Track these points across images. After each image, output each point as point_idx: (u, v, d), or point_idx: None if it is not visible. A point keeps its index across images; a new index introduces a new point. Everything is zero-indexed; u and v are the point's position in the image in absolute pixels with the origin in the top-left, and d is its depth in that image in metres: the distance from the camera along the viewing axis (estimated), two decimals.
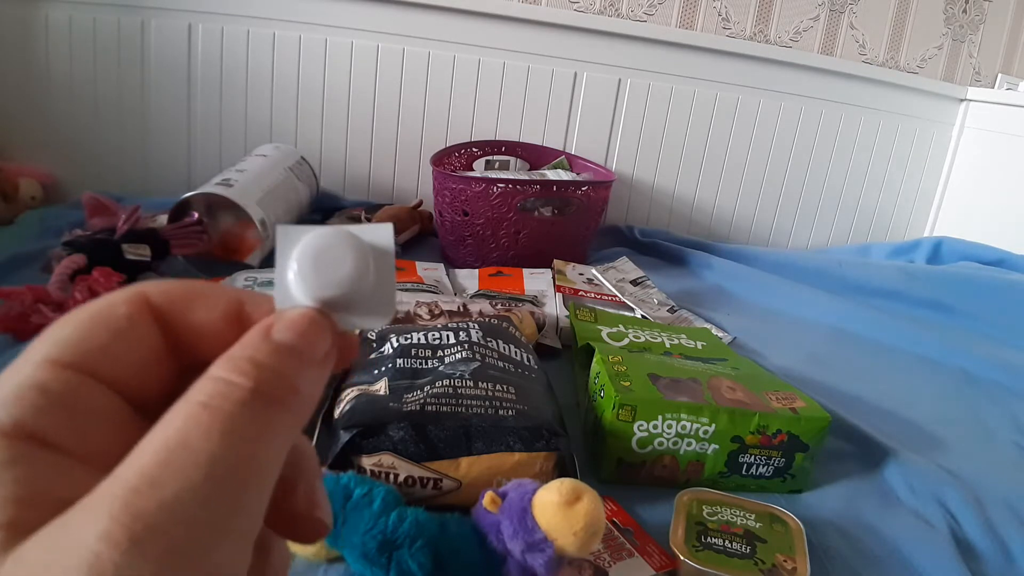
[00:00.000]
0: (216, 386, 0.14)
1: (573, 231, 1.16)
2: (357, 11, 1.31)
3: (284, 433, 0.14)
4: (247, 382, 0.14)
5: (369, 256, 0.17)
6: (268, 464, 0.14)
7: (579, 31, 1.38)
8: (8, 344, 0.70)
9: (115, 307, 0.16)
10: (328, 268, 0.16)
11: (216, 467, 0.13)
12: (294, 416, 0.15)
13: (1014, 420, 0.83)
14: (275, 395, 0.14)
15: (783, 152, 1.53)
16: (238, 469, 0.13)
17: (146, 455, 0.13)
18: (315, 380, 0.16)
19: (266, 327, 0.16)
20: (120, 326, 0.16)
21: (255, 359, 0.14)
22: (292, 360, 0.15)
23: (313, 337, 0.16)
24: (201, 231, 0.94)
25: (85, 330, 0.15)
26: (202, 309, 0.17)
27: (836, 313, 1.12)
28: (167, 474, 0.12)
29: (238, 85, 1.32)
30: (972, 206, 1.58)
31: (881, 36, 1.55)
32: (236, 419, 0.13)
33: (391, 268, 0.18)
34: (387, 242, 0.18)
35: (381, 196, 1.41)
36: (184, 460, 0.12)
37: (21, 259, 0.91)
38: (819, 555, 0.53)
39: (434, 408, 0.53)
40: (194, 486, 0.12)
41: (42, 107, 1.27)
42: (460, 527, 0.44)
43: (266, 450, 0.14)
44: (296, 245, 0.17)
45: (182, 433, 0.13)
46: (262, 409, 0.14)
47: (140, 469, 0.12)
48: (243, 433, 0.13)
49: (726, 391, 0.61)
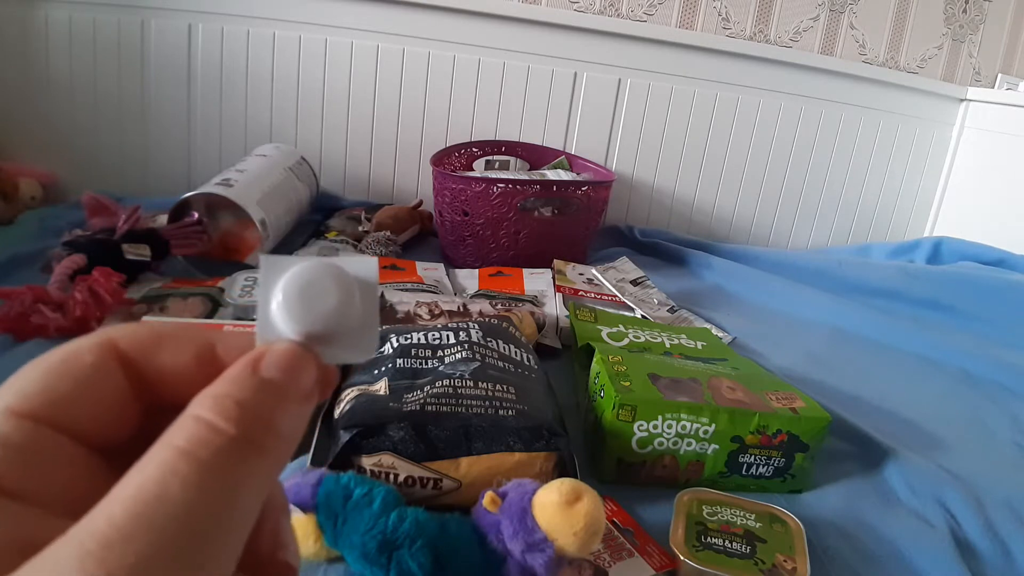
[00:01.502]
0: (198, 429, 0.13)
1: (573, 231, 1.16)
2: (357, 11, 1.31)
3: (263, 480, 0.14)
4: (231, 428, 0.14)
5: (355, 289, 0.17)
6: (246, 512, 0.14)
7: (579, 31, 1.38)
8: (8, 344, 0.71)
9: (80, 355, 0.16)
10: (314, 301, 0.16)
11: (193, 519, 0.12)
12: (274, 462, 0.14)
13: (1014, 420, 0.83)
14: (257, 441, 0.14)
15: (783, 152, 1.53)
16: (216, 519, 0.13)
17: (118, 503, 0.12)
18: (297, 423, 0.15)
19: (253, 360, 0.15)
20: (84, 375, 0.15)
21: (241, 400, 0.14)
22: (277, 401, 0.15)
23: (299, 372, 0.15)
24: (201, 231, 0.94)
25: (48, 379, 0.15)
26: (171, 353, 0.16)
27: (836, 313, 1.12)
28: (142, 526, 0.12)
29: (238, 85, 1.32)
30: (972, 206, 1.58)
31: (881, 36, 1.55)
32: (216, 469, 0.13)
33: (376, 302, 0.18)
34: (372, 276, 0.18)
35: (381, 196, 1.41)
36: (159, 512, 0.12)
37: (21, 259, 0.91)
38: (819, 555, 0.53)
39: (434, 408, 0.53)
40: (171, 539, 0.12)
41: (42, 107, 1.27)
42: (460, 527, 0.44)
43: (245, 498, 0.13)
44: (281, 276, 0.16)
45: (158, 483, 0.12)
46: (244, 457, 0.13)
47: (112, 520, 0.12)
48: (223, 482, 0.13)
49: (726, 391, 0.61)
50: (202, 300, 0.80)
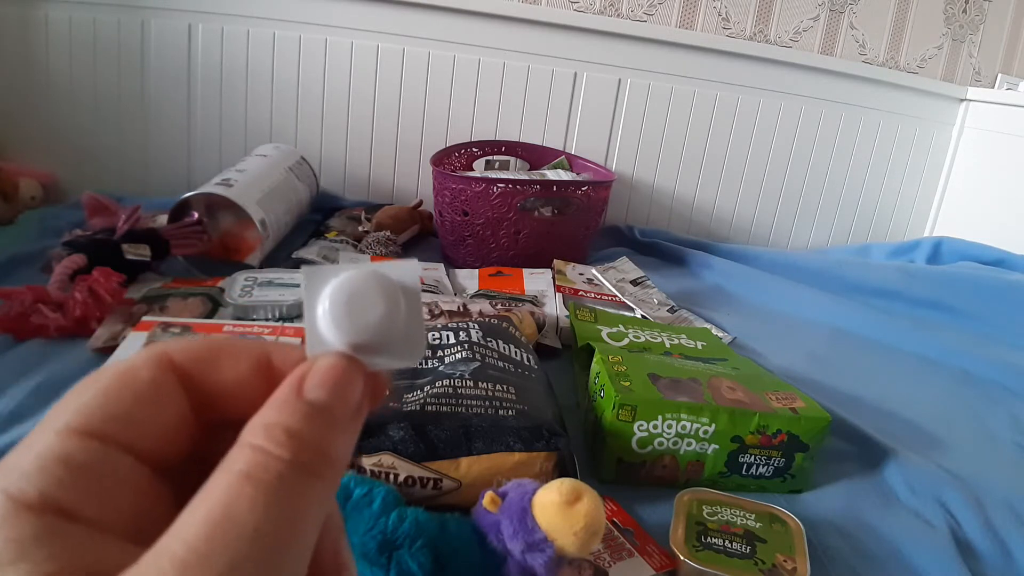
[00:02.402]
0: (255, 456, 0.14)
1: (573, 231, 1.16)
2: (357, 11, 1.31)
3: (322, 498, 0.14)
4: (285, 454, 0.14)
5: (400, 296, 0.17)
6: (308, 532, 0.14)
7: (579, 31, 1.38)
8: (8, 344, 0.71)
9: (138, 371, 0.15)
10: (360, 312, 0.16)
11: (262, 539, 0.13)
12: (329, 484, 0.15)
13: (1014, 420, 0.83)
14: (312, 467, 0.14)
15: (783, 152, 1.53)
16: (282, 539, 0.13)
17: (191, 528, 0.13)
18: (347, 444, 0.15)
19: (297, 382, 0.15)
20: (143, 391, 0.15)
21: (290, 429, 0.14)
22: (326, 426, 0.15)
23: (345, 389, 0.15)
24: (201, 231, 0.94)
25: (107, 396, 0.15)
26: (228, 366, 0.16)
27: (836, 313, 1.12)
28: (216, 548, 0.12)
29: (238, 85, 1.32)
30: (972, 206, 1.58)
31: (881, 36, 1.55)
32: (278, 491, 0.13)
33: (420, 306, 0.17)
34: (416, 280, 0.18)
35: (381, 196, 1.41)
36: (231, 533, 0.12)
37: (21, 259, 0.91)
38: (819, 555, 0.53)
39: (434, 408, 0.53)
40: (243, 559, 0.12)
41: (42, 107, 1.27)
42: (460, 527, 0.44)
43: (306, 518, 0.14)
44: (325, 287, 0.16)
45: (226, 506, 0.13)
46: (301, 481, 0.14)
47: (188, 543, 0.12)
48: (285, 504, 0.13)
49: (726, 391, 0.61)
50: (202, 300, 0.80)
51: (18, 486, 0.13)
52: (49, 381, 0.64)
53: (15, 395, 0.61)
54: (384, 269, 0.17)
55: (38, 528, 0.13)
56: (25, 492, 0.13)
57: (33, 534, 0.13)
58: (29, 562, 0.12)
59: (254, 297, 0.81)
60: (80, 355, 0.70)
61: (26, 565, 0.12)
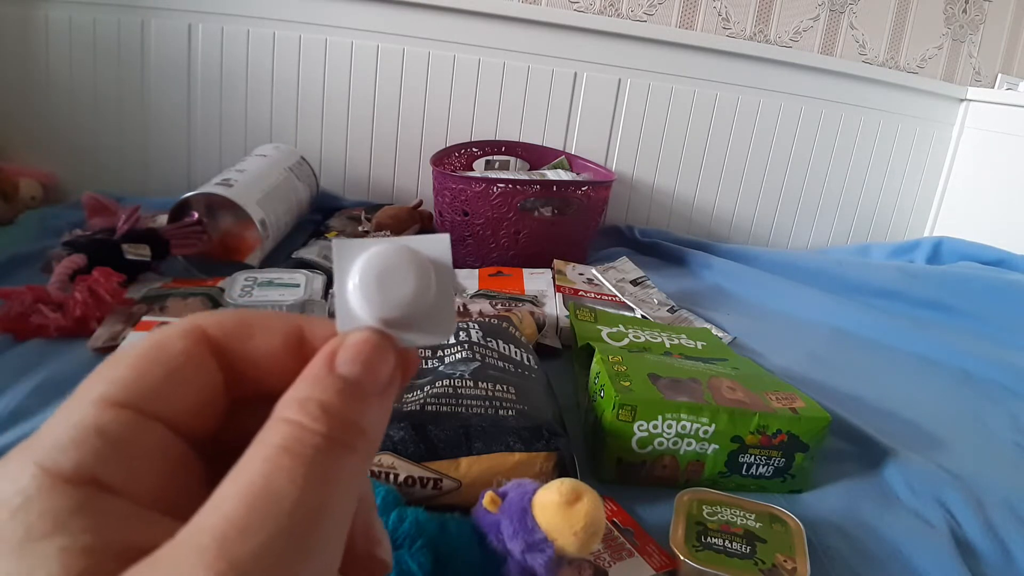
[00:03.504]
0: (292, 430, 0.14)
1: (573, 231, 1.16)
2: (357, 11, 1.31)
3: (357, 474, 0.14)
4: (321, 427, 0.14)
5: (431, 271, 0.16)
6: (346, 504, 0.14)
7: (579, 31, 1.38)
8: (8, 344, 0.71)
9: (170, 342, 0.15)
10: (391, 287, 0.16)
11: (301, 511, 0.13)
12: (363, 457, 0.15)
13: (1014, 420, 0.83)
14: (347, 440, 0.14)
15: (783, 152, 1.53)
16: (321, 511, 0.13)
17: (230, 501, 0.12)
18: (380, 418, 0.15)
19: (329, 357, 0.15)
20: (177, 362, 0.15)
21: (324, 404, 0.14)
22: (359, 400, 0.15)
23: (377, 364, 0.15)
24: (201, 231, 0.94)
25: (140, 367, 0.15)
26: (261, 339, 0.16)
27: (836, 313, 1.12)
28: (256, 521, 0.12)
29: (238, 85, 1.32)
30: (972, 206, 1.57)
31: (881, 36, 1.55)
32: (315, 464, 0.13)
33: (451, 282, 0.17)
34: (446, 255, 0.17)
35: (381, 196, 1.41)
36: (271, 506, 0.12)
37: (21, 259, 0.91)
38: (819, 555, 0.53)
39: (434, 408, 0.53)
40: (283, 531, 0.12)
41: (42, 107, 1.27)
42: (460, 527, 0.44)
43: (343, 491, 0.14)
44: (356, 262, 0.16)
45: (266, 479, 0.13)
46: (337, 454, 0.14)
47: (227, 516, 0.12)
48: (323, 477, 0.13)
49: (726, 391, 0.61)
50: (202, 300, 0.80)
51: (53, 458, 0.13)
52: (49, 381, 0.64)
53: (15, 395, 0.61)
54: (415, 243, 0.17)
55: (74, 501, 0.13)
56: (60, 464, 0.13)
57: (69, 507, 0.12)
58: (66, 535, 0.12)
59: (254, 297, 0.81)
60: (80, 355, 0.70)
61: (63, 538, 0.12)
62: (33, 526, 0.12)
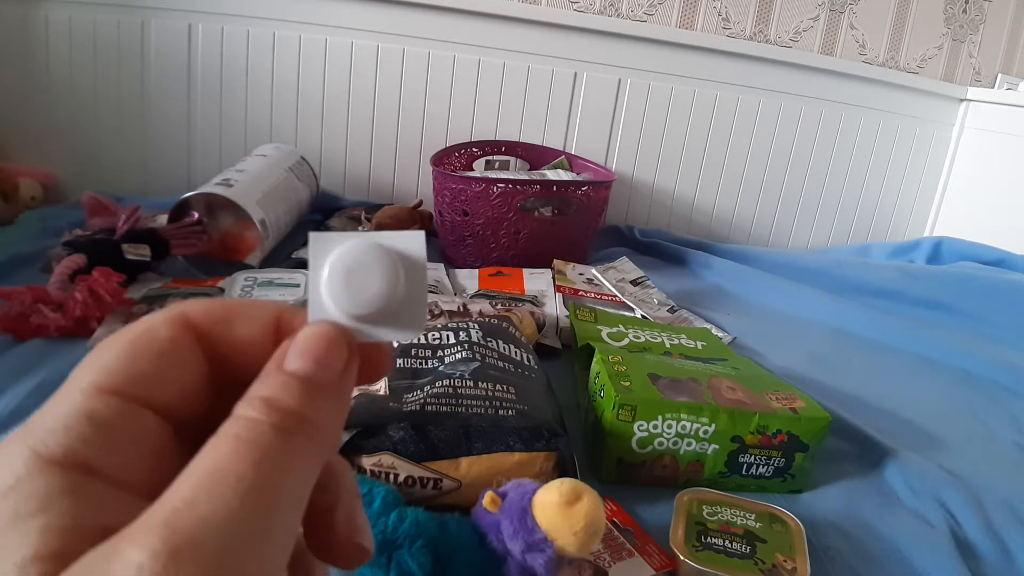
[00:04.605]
0: (244, 423, 0.14)
1: (573, 231, 1.16)
2: (357, 11, 1.31)
3: (306, 459, 0.15)
4: (269, 418, 0.14)
5: (400, 269, 0.17)
6: (295, 487, 0.14)
7: (579, 31, 1.38)
8: (8, 344, 0.71)
9: (157, 330, 0.16)
10: (359, 284, 0.16)
11: (245, 489, 0.13)
12: (312, 444, 0.15)
13: (1014, 420, 0.83)
14: (294, 429, 0.15)
15: (783, 152, 1.53)
16: (266, 491, 0.14)
17: (186, 483, 0.13)
18: (334, 407, 0.16)
19: (281, 355, 0.16)
20: (163, 349, 0.16)
21: (270, 399, 0.15)
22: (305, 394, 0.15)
23: (326, 358, 0.16)
24: (201, 231, 0.94)
25: (129, 355, 0.15)
26: (242, 326, 0.17)
27: (836, 313, 1.12)
28: (203, 495, 0.13)
29: (238, 85, 1.32)
30: (972, 206, 1.58)
31: (881, 36, 1.55)
32: (260, 446, 0.14)
33: (422, 280, 0.17)
34: (418, 251, 0.17)
35: (381, 196, 1.41)
36: (217, 482, 0.13)
37: (21, 259, 0.91)
38: (819, 555, 0.53)
39: (434, 408, 0.53)
40: (227, 504, 0.13)
41: (42, 107, 1.27)
42: (460, 527, 0.44)
43: (291, 475, 0.14)
44: (327, 257, 0.17)
45: (216, 461, 0.14)
46: (283, 440, 0.14)
47: (177, 494, 0.13)
48: (270, 461, 0.14)
49: (726, 391, 0.61)
50: None
51: (44, 442, 0.14)
52: (49, 381, 0.64)
53: (15, 395, 0.61)
54: (388, 240, 0.17)
55: (62, 483, 0.13)
56: (52, 449, 0.14)
57: (57, 489, 0.13)
58: (49, 515, 0.13)
59: (254, 297, 0.81)
60: (80, 355, 0.69)
61: (46, 517, 0.13)
62: (21, 506, 0.13)
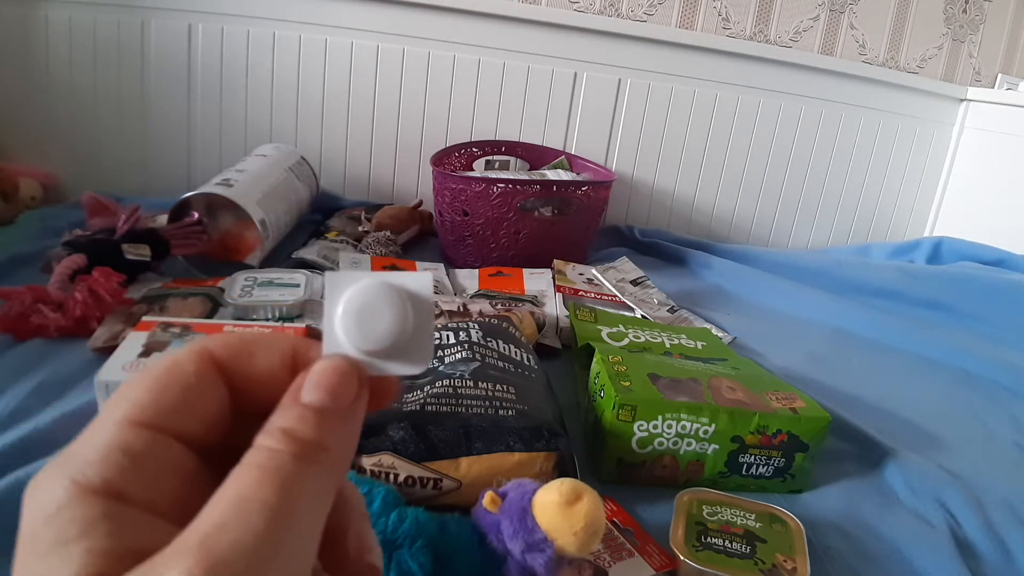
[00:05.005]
0: (264, 452, 0.16)
1: (573, 231, 1.16)
2: (357, 11, 1.31)
3: (321, 482, 0.16)
4: (287, 448, 0.16)
5: (409, 308, 0.18)
6: (313, 510, 0.16)
7: (579, 31, 1.38)
8: (8, 344, 0.71)
9: (184, 365, 0.17)
10: (370, 322, 0.18)
11: (270, 513, 0.15)
12: (329, 470, 0.17)
13: (1014, 420, 0.83)
14: (310, 457, 0.16)
15: (783, 152, 1.53)
16: (288, 515, 0.15)
17: (213, 510, 0.15)
18: (345, 434, 0.17)
19: (297, 388, 0.17)
20: (189, 383, 0.17)
21: (288, 430, 0.16)
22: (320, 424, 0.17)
23: (339, 390, 0.17)
24: (201, 231, 0.94)
25: (157, 389, 0.17)
26: (261, 359, 0.18)
27: (836, 313, 1.12)
28: (233, 521, 0.14)
29: (238, 85, 1.32)
30: (972, 206, 1.58)
31: (881, 36, 1.55)
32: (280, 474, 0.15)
33: (430, 317, 0.19)
34: (427, 292, 0.19)
35: (381, 196, 1.41)
36: (244, 510, 0.14)
37: (21, 259, 0.91)
38: (819, 555, 0.53)
39: (434, 408, 0.53)
40: (254, 528, 0.14)
41: (42, 107, 1.27)
42: (460, 527, 0.44)
43: (310, 499, 0.16)
44: (342, 295, 0.18)
45: (241, 489, 0.15)
46: (301, 467, 0.16)
47: (209, 520, 0.14)
48: (287, 484, 0.15)
49: (726, 391, 0.61)
50: (202, 300, 0.80)
51: (83, 472, 0.15)
52: (49, 381, 0.64)
53: (15, 395, 0.61)
54: (398, 280, 0.19)
55: (100, 511, 0.14)
56: (90, 478, 0.15)
57: (95, 516, 0.14)
58: (90, 539, 0.14)
59: (254, 297, 0.81)
60: (80, 355, 0.70)
61: (88, 542, 0.14)
62: (63, 531, 0.14)
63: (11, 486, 0.48)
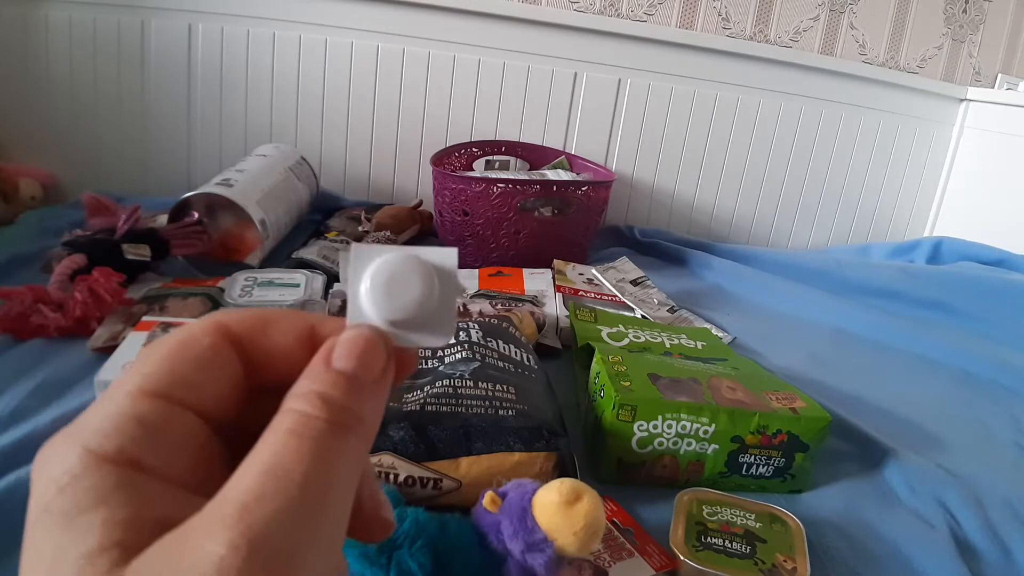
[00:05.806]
0: (297, 418, 0.16)
1: (573, 231, 1.16)
2: (357, 11, 1.31)
3: (356, 452, 0.16)
4: (322, 414, 0.16)
5: (435, 280, 0.18)
6: (347, 478, 0.16)
7: (579, 31, 1.38)
8: (8, 344, 0.71)
9: (198, 338, 0.17)
10: (398, 292, 0.18)
11: (308, 483, 0.14)
12: (362, 438, 0.16)
13: (1014, 420, 0.83)
14: (343, 423, 0.16)
15: (783, 152, 1.53)
16: (324, 484, 0.15)
17: (248, 478, 0.14)
18: (375, 405, 0.17)
19: (327, 353, 0.17)
20: (204, 356, 0.17)
21: (323, 394, 0.16)
22: (352, 390, 0.17)
23: (369, 358, 0.17)
24: (201, 231, 0.94)
25: (172, 361, 0.17)
26: (277, 334, 0.18)
27: (836, 313, 1.12)
28: (271, 491, 0.14)
29: (238, 85, 1.32)
30: (972, 206, 1.58)
31: (881, 36, 1.55)
32: (318, 443, 0.15)
33: (454, 291, 0.19)
34: (452, 266, 0.19)
35: (381, 196, 1.41)
36: (283, 479, 0.14)
37: (21, 259, 0.91)
38: (819, 555, 0.53)
39: (434, 408, 0.53)
40: (293, 500, 0.14)
41: (42, 107, 1.27)
42: (460, 527, 0.44)
43: (344, 467, 0.16)
44: (368, 266, 0.18)
45: (277, 457, 0.15)
46: (336, 435, 0.16)
47: (247, 489, 0.14)
48: (325, 454, 0.15)
49: (726, 391, 0.61)
50: (202, 300, 0.80)
51: (97, 441, 0.15)
52: (49, 381, 0.64)
53: (15, 395, 0.61)
54: (424, 253, 0.19)
55: (116, 479, 0.14)
56: (104, 447, 0.15)
57: (111, 484, 0.14)
58: (108, 508, 0.14)
59: (254, 297, 0.81)
60: (80, 355, 0.70)
61: (105, 510, 0.14)
62: (79, 501, 0.14)
63: (11, 486, 0.48)
